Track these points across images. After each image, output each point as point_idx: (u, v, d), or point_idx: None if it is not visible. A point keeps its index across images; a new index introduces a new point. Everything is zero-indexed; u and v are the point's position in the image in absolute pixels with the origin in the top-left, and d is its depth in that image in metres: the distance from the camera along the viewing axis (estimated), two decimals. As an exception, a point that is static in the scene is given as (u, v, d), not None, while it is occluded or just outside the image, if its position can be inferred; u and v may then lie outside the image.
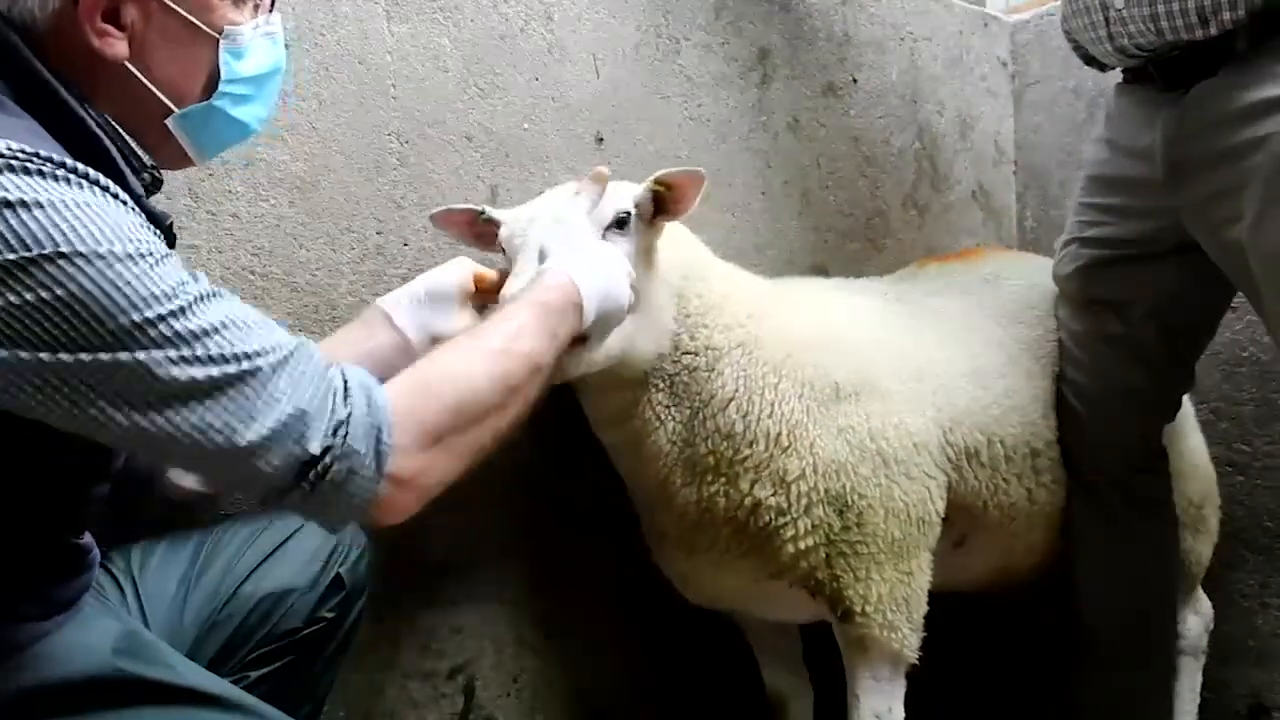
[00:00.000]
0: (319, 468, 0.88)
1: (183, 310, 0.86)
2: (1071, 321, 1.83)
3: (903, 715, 1.62)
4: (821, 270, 2.21)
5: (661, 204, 1.45)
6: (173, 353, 0.84)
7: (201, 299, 0.88)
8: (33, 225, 0.81)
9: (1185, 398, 2.01)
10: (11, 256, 0.81)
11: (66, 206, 0.83)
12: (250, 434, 0.86)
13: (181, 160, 1.12)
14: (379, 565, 1.63)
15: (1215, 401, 2.22)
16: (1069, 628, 1.91)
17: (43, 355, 0.82)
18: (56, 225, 0.82)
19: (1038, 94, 2.65)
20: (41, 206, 0.82)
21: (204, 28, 1.05)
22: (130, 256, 0.85)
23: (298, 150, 1.57)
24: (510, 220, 1.43)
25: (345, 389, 0.92)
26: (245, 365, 0.87)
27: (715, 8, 2.08)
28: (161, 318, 0.85)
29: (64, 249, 0.82)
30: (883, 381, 1.62)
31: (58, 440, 0.89)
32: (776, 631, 1.87)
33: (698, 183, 1.42)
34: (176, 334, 0.85)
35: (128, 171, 0.99)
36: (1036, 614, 2.10)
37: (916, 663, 1.61)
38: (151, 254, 0.87)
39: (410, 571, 1.68)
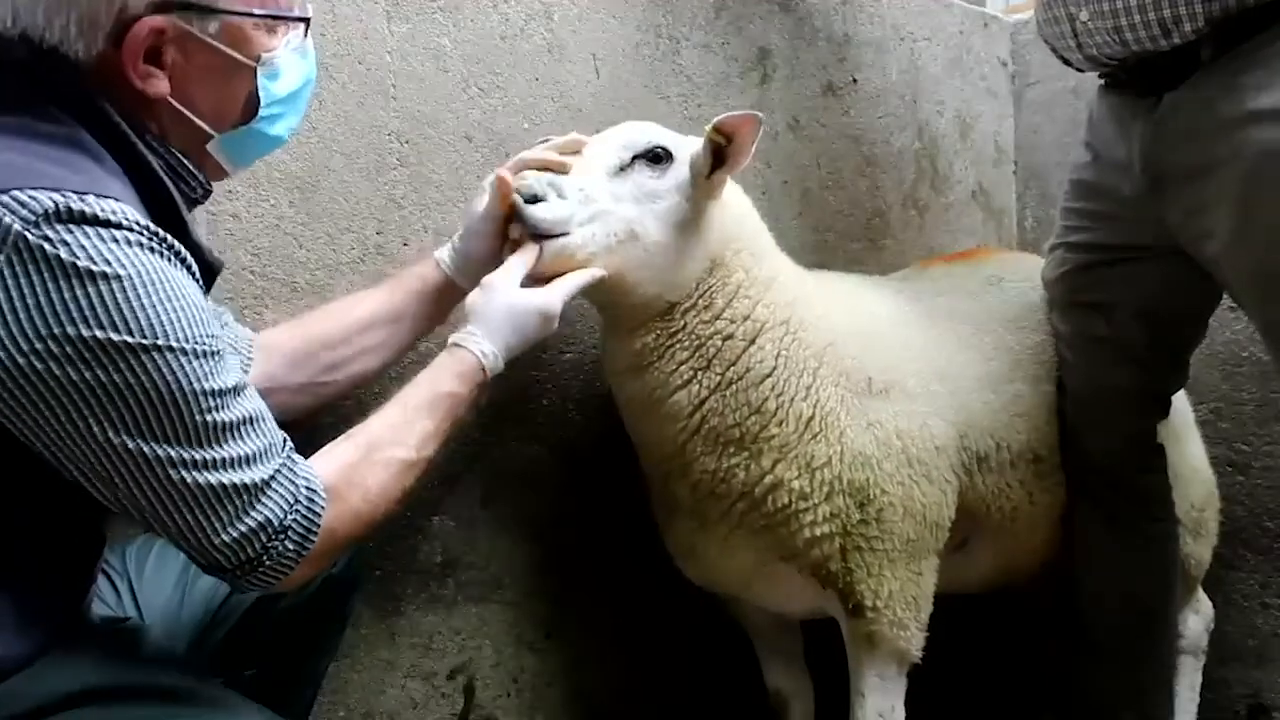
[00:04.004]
0: (254, 563, 1.00)
1: (224, 405, 0.96)
2: (1061, 324, 1.84)
3: (904, 714, 1.62)
4: (822, 270, 2.21)
5: (720, 156, 1.47)
6: (198, 453, 0.94)
7: (237, 389, 0.99)
8: (137, 309, 0.90)
9: (1186, 399, 2.02)
10: (115, 338, 0.89)
11: (165, 292, 0.92)
12: (223, 536, 0.97)
13: (214, 173, 1.14)
14: (379, 566, 1.63)
15: (1215, 401, 2.22)
16: (1069, 626, 1.91)
17: (109, 433, 0.91)
18: (155, 312, 0.91)
19: (1038, 94, 2.65)
20: (138, 286, 0.90)
21: (243, 60, 1.06)
22: (207, 354, 0.95)
23: (298, 150, 1.56)
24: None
25: (296, 499, 1.02)
26: (244, 476, 0.97)
27: (715, 8, 2.08)
28: (209, 410, 0.95)
29: (159, 341, 0.91)
30: (911, 382, 1.63)
31: None
32: (779, 630, 1.87)
33: (754, 126, 1.45)
34: (214, 426, 0.95)
35: (187, 215, 1.03)
36: (1036, 612, 2.10)
37: (919, 662, 1.62)
38: (219, 351, 0.97)
39: (410, 571, 1.68)
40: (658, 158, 1.47)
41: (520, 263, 1.37)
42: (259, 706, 1.11)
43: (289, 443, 1.05)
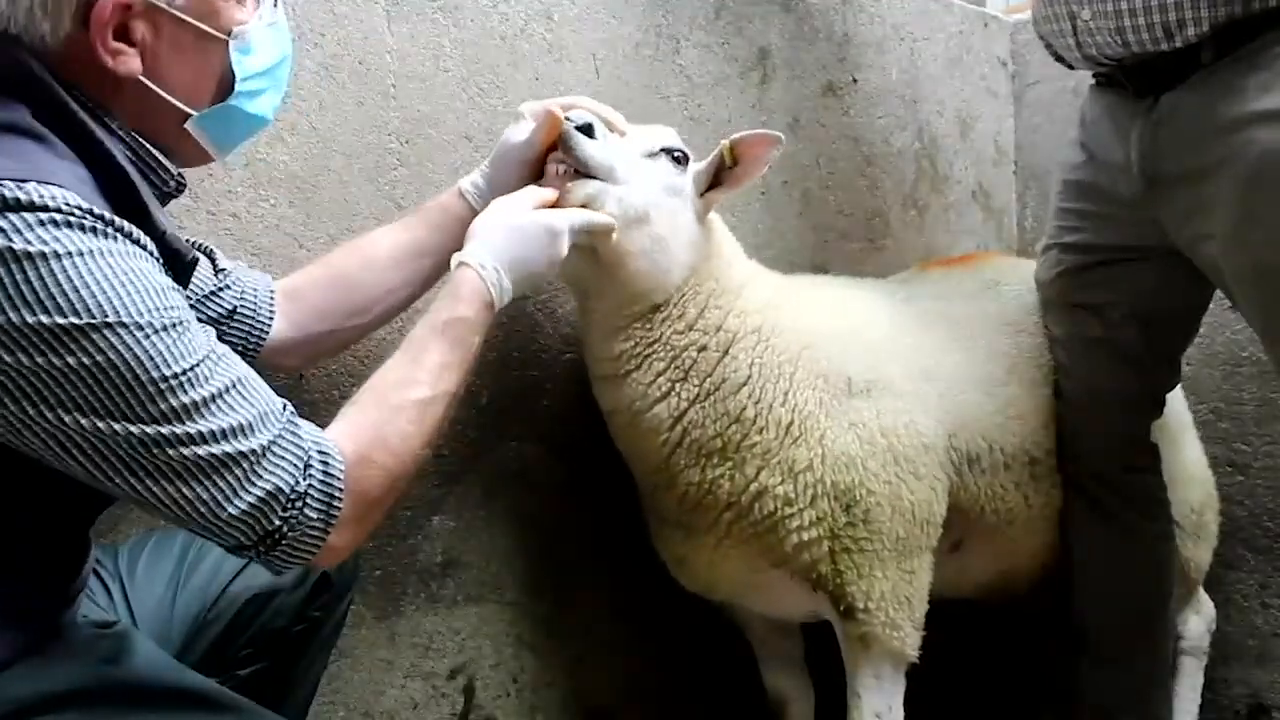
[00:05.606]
0: (276, 535, 0.97)
1: (199, 379, 0.93)
2: (1054, 325, 1.84)
3: (902, 714, 1.62)
4: (821, 270, 2.21)
5: (718, 178, 1.53)
6: (182, 428, 0.92)
7: (210, 359, 0.95)
8: (81, 289, 0.87)
9: (1184, 402, 2.02)
10: (61, 321, 0.86)
11: (113, 270, 0.89)
12: (230, 509, 0.94)
13: (199, 158, 1.13)
14: (379, 565, 1.63)
15: (1215, 401, 2.22)
16: (1068, 626, 1.91)
17: (80, 419, 0.89)
18: (104, 290, 0.88)
19: (1038, 94, 2.65)
20: (78, 265, 0.88)
21: (213, 32, 1.05)
22: (165, 328, 0.92)
23: (298, 150, 1.56)
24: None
25: (308, 462, 0.99)
26: (239, 444, 0.94)
27: (715, 8, 2.08)
28: (181, 387, 0.92)
29: (110, 319, 0.88)
30: (895, 380, 1.63)
31: None
32: (778, 632, 1.87)
33: (767, 148, 1.50)
34: (191, 403, 0.92)
35: (150, 201, 1.00)
36: (1036, 612, 2.10)
37: (916, 661, 1.62)
38: (181, 322, 0.94)
39: (410, 572, 1.68)
40: (678, 159, 1.51)
41: (536, 193, 1.35)
42: (254, 706, 1.11)
43: (289, 408, 1.02)
